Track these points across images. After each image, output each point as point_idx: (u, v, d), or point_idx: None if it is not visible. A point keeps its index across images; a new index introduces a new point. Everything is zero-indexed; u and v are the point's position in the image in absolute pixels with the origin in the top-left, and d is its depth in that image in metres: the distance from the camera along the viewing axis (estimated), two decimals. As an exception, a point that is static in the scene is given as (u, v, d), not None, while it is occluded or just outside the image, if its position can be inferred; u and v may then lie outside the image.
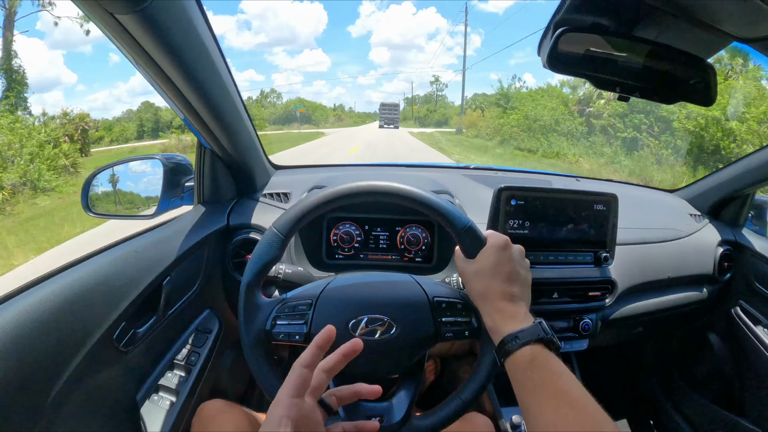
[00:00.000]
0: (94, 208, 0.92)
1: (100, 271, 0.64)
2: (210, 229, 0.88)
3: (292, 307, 0.58)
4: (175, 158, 0.97)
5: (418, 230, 0.99)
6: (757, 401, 1.13)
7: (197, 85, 0.66)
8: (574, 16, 0.56)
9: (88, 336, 0.58)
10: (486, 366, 0.58)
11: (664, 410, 1.35)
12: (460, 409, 0.58)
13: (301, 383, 0.42)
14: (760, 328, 1.10)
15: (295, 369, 0.43)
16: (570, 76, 0.62)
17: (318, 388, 0.45)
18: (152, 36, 0.52)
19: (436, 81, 60.54)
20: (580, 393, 0.44)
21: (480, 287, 0.55)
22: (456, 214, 0.58)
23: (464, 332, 0.59)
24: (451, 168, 1.43)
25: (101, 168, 0.96)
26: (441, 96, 61.57)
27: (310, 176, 1.12)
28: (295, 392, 0.42)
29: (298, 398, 0.42)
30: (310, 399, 0.44)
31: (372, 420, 0.57)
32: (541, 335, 0.49)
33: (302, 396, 0.42)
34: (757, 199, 1.22)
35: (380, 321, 0.57)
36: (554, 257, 0.89)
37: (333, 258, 0.99)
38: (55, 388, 0.53)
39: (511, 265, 0.55)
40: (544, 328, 0.50)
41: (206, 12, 0.61)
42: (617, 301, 0.96)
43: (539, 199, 0.85)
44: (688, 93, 0.62)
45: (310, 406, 0.43)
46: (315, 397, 0.45)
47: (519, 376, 0.48)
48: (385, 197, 0.59)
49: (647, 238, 1.06)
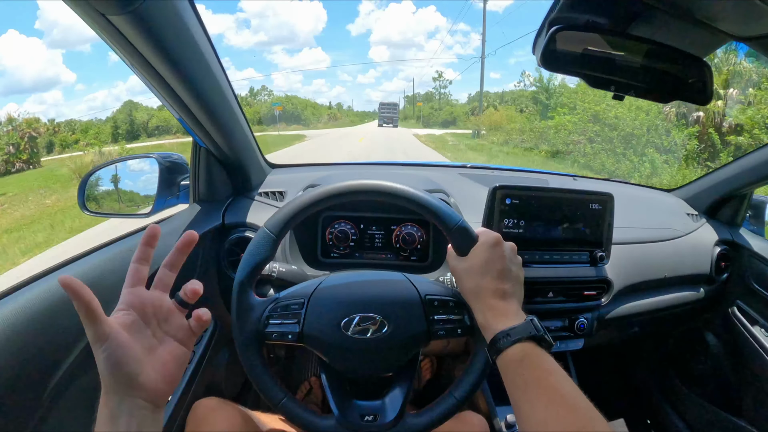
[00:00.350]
0: (91, 207, 0.93)
1: (95, 269, 0.63)
2: (205, 227, 0.88)
3: (285, 307, 0.58)
4: (170, 157, 0.97)
5: (413, 229, 0.99)
6: (753, 401, 1.13)
7: (191, 85, 0.66)
8: (568, 14, 0.56)
9: (83, 333, 0.57)
10: (479, 364, 0.58)
11: (661, 410, 1.35)
12: (454, 408, 0.58)
13: (133, 274, 0.44)
14: (757, 328, 1.10)
15: (129, 266, 0.44)
16: (565, 74, 0.62)
17: (163, 281, 0.46)
18: (145, 36, 0.52)
19: (439, 77, 56.17)
20: (572, 390, 0.44)
21: (471, 284, 0.55)
22: (448, 212, 0.58)
23: (457, 330, 0.59)
24: (446, 167, 1.43)
25: (97, 167, 0.96)
26: (444, 93, 56.93)
27: (306, 175, 1.12)
28: (130, 283, 0.43)
29: (132, 287, 0.43)
30: (158, 292, 0.45)
31: (365, 419, 0.58)
32: (532, 332, 0.49)
33: (137, 286, 0.43)
34: (755, 199, 1.22)
35: (372, 319, 0.57)
36: (549, 256, 0.89)
37: (328, 257, 0.99)
38: (51, 385, 0.53)
39: (502, 262, 0.55)
40: (535, 326, 0.50)
41: (199, 11, 0.61)
42: (613, 300, 0.96)
43: (534, 198, 0.85)
44: (685, 92, 0.62)
45: (156, 296, 0.44)
46: (163, 290, 0.46)
47: (510, 374, 0.48)
48: (377, 196, 0.59)
49: (644, 238, 1.06)
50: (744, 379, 1.15)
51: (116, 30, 0.50)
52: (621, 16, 0.57)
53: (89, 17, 0.48)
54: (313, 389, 1.29)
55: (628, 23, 0.58)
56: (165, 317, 0.44)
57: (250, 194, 1.01)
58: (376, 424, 0.57)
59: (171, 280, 0.46)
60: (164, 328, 0.44)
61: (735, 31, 0.51)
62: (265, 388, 0.57)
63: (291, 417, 0.58)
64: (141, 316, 0.42)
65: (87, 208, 0.92)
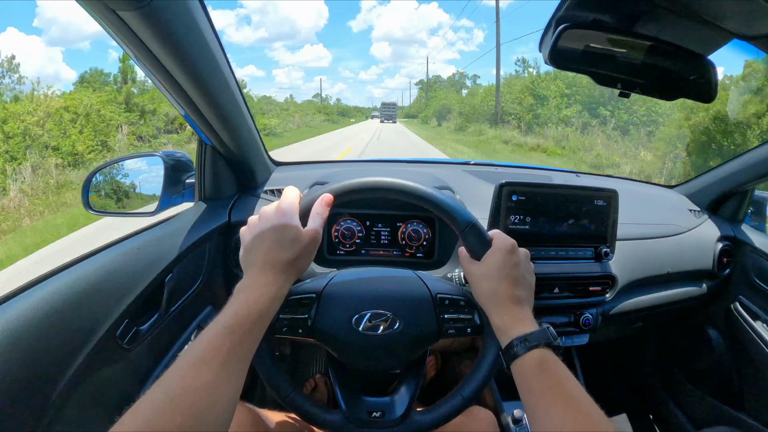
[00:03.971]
0: (95, 206, 0.92)
1: (102, 269, 0.64)
2: (212, 225, 0.88)
3: (296, 301, 0.58)
4: (175, 155, 0.97)
5: (419, 226, 0.99)
6: (755, 395, 1.14)
7: (198, 81, 0.66)
8: (575, 12, 0.56)
9: (91, 334, 0.58)
10: (488, 363, 0.59)
11: (663, 404, 1.36)
12: (461, 406, 0.58)
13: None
14: (759, 323, 1.10)
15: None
16: (572, 72, 0.62)
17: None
18: (154, 32, 0.52)
19: (461, 76, 43.44)
20: (586, 398, 0.46)
21: (488, 289, 0.55)
22: (460, 210, 0.58)
23: (466, 329, 0.59)
24: (451, 164, 1.43)
25: (102, 165, 0.96)
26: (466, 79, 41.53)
27: (311, 172, 1.12)
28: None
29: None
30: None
31: (373, 415, 0.58)
32: (549, 340, 0.50)
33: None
34: (757, 195, 1.22)
35: (384, 316, 0.58)
36: (555, 252, 0.89)
37: (334, 254, 0.99)
38: (59, 385, 0.53)
39: (518, 269, 0.56)
40: (551, 333, 0.51)
41: (207, 7, 0.61)
42: (617, 296, 0.96)
43: (540, 194, 0.86)
44: (689, 90, 0.62)
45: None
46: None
47: (527, 379, 0.48)
48: (389, 193, 0.59)
49: (647, 234, 1.06)
50: (746, 374, 1.16)
51: (126, 26, 0.50)
52: (627, 14, 0.57)
53: (99, 13, 0.48)
54: (318, 386, 1.30)
55: (634, 21, 0.58)
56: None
57: (255, 192, 1.01)
58: (384, 421, 0.58)
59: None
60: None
61: (739, 29, 0.52)
62: (274, 381, 0.58)
63: (299, 411, 0.58)
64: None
65: (91, 207, 0.91)
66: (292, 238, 0.51)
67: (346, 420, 0.58)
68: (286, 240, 0.51)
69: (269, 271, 0.50)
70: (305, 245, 0.52)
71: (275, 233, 0.51)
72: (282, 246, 0.50)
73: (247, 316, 0.45)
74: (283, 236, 0.51)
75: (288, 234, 0.51)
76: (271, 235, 0.51)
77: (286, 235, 0.51)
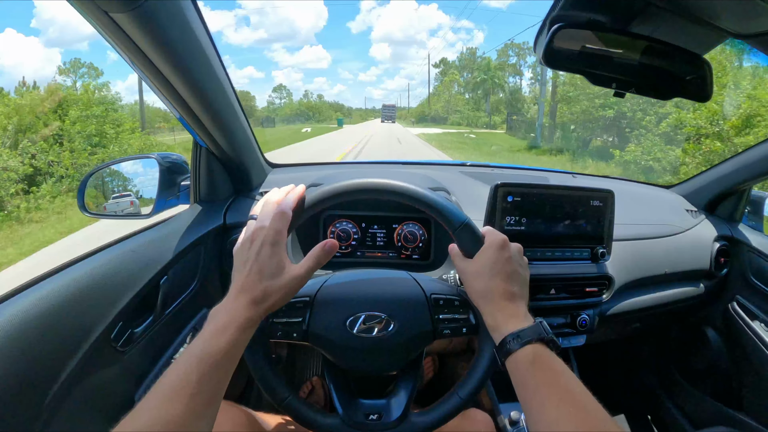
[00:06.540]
0: (90, 208, 0.92)
1: (97, 271, 0.63)
2: (207, 227, 0.87)
3: (290, 305, 0.58)
4: (170, 157, 0.96)
5: (414, 227, 0.99)
6: (753, 395, 1.14)
7: (193, 83, 0.66)
8: (570, 12, 0.56)
9: (85, 336, 0.58)
10: (484, 363, 0.58)
11: (661, 404, 1.36)
12: (458, 406, 0.58)
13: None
14: (757, 322, 1.10)
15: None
16: (567, 72, 0.62)
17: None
18: (147, 34, 0.52)
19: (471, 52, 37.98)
20: (582, 391, 0.45)
21: (480, 287, 0.55)
22: (453, 210, 0.58)
23: (462, 329, 0.59)
24: (447, 165, 1.43)
25: (97, 168, 0.96)
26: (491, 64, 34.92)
27: (307, 174, 1.11)
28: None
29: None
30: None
31: (370, 418, 0.58)
32: (542, 335, 0.49)
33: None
34: (753, 195, 1.22)
35: (378, 318, 0.57)
36: (551, 253, 0.89)
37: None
38: (53, 388, 0.52)
39: (510, 264, 0.55)
40: (545, 328, 0.50)
41: (201, 9, 0.61)
42: (614, 296, 0.96)
43: (536, 195, 0.85)
44: (685, 89, 0.62)
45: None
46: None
47: (521, 375, 0.48)
48: (382, 194, 0.58)
49: (644, 234, 1.06)
50: (744, 373, 1.16)
51: (119, 28, 0.50)
52: (622, 13, 0.57)
53: (92, 15, 0.48)
54: (315, 389, 1.29)
55: (628, 21, 0.58)
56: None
57: (250, 194, 1.01)
58: (381, 423, 0.57)
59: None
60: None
61: (734, 28, 0.52)
62: (270, 386, 0.57)
63: (295, 415, 0.57)
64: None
65: (87, 210, 0.91)
66: (271, 272, 0.50)
67: (343, 423, 0.57)
68: (267, 272, 0.49)
69: (242, 297, 0.48)
70: (285, 283, 0.50)
71: (259, 262, 0.50)
72: (260, 276, 0.49)
73: (216, 345, 0.45)
74: (267, 265, 0.50)
75: (272, 265, 0.50)
76: (255, 265, 0.50)
77: (271, 264, 0.50)
